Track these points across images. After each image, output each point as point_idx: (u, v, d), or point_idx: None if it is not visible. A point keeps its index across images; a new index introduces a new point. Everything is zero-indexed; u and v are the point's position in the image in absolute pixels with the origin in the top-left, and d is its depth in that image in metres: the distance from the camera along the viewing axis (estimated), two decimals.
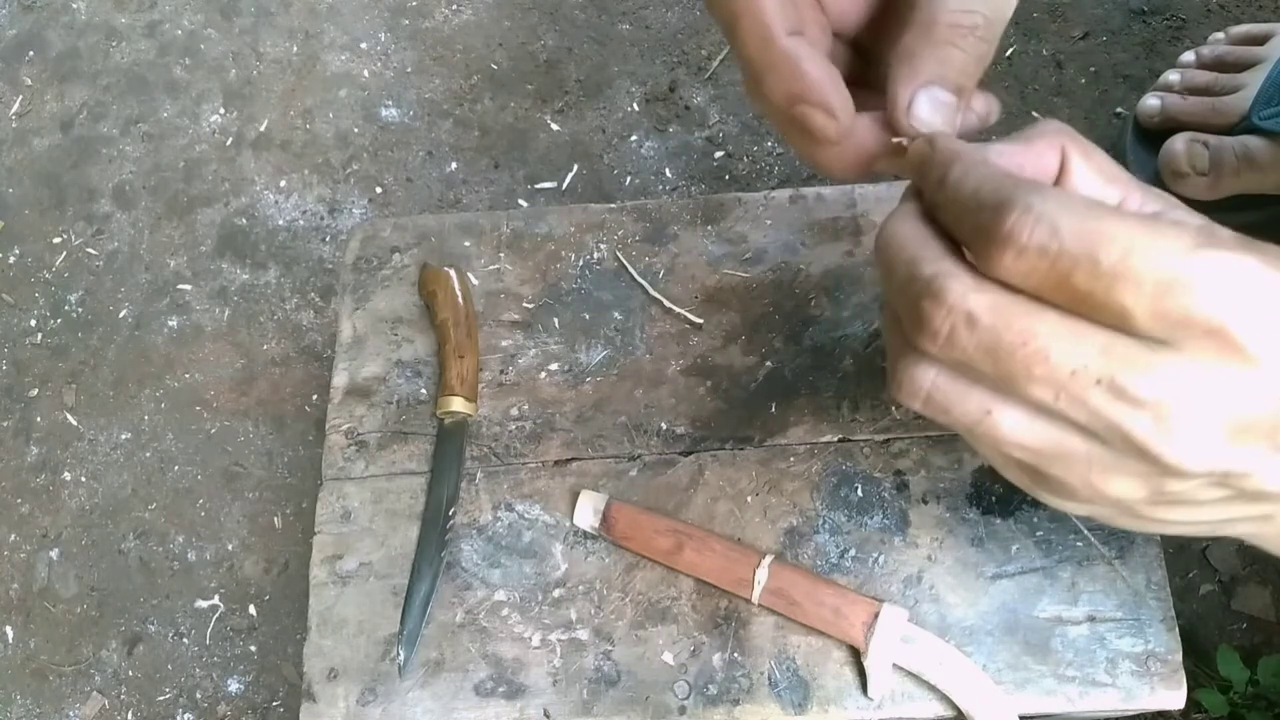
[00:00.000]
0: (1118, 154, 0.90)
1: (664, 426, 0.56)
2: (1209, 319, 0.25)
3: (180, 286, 1.01)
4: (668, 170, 1.00)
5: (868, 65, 0.39)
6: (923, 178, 0.31)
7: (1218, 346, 0.26)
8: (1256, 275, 0.25)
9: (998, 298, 0.27)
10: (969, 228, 0.28)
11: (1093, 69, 0.99)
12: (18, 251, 1.05)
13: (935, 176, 0.30)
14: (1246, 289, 0.25)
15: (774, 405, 0.56)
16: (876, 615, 0.49)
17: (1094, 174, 0.30)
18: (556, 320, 0.60)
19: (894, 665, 0.49)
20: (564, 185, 1.01)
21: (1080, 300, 0.26)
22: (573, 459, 0.56)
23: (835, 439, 0.55)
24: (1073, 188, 0.30)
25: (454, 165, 1.03)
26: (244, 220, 1.03)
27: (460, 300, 0.58)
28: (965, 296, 0.27)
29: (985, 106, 0.36)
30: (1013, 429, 0.29)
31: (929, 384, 0.30)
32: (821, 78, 0.33)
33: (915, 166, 0.32)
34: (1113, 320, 0.26)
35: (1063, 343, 0.27)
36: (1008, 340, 0.27)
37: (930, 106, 0.33)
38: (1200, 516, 0.31)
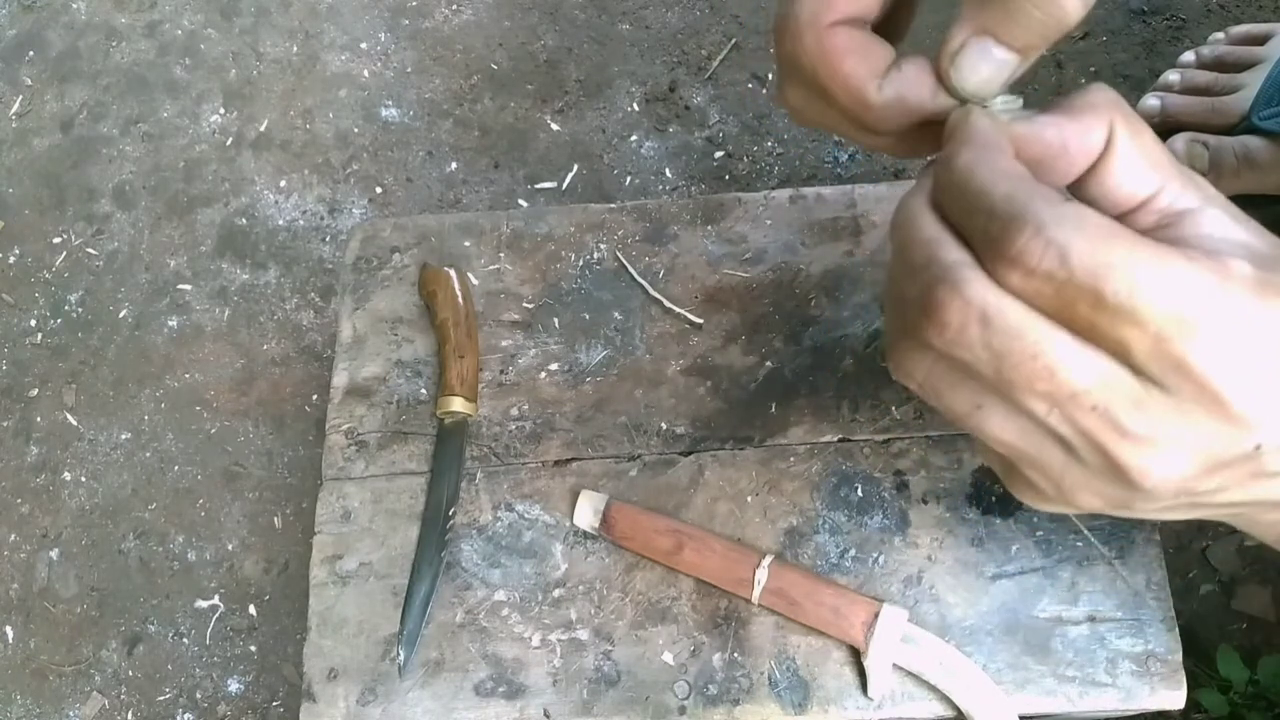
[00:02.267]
0: None
1: (664, 426, 0.56)
2: (1203, 376, 0.25)
3: (180, 286, 1.01)
4: (668, 170, 1.00)
5: None
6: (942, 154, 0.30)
7: (1208, 401, 0.26)
8: (1258, 332, 0.25)
9: (1015, 305, 0.26)
10: (977, 230, 0.27)
11: (1093, 69, 0.99)
12: (18, 251, 1.05)
13: (944, 158, 0.29)
14: (1244, 349, 0.25)
15: (774, 405, 0.56)
16: (876, 615, 0.49)
17: (1138, 157, 0.28)
18: (556, 320, 0.60)
19: (894, 665, 0.49)
20: (564, 185, 1.01)
21: (1085, 328, 0.26)
22: (573, 459, 0.56)
23: (835, 439, 0.55)
24: (1114, 169, 0.29)
25: (454, 165, 1.03)
26: (244, 220, 1.03)
27: (460, 300, 0.58)
28: (984, 295, 0.27)
29: None
30: (999, 428, 0.29)
31: (925, 371, 0.29)
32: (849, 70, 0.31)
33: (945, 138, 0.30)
34: (1115, 350, 0.26)
35: (1069, 364, 0.26)
36: (1018, 349, 0.27)
37: (979, 58, 0.30)
38: (1166, 516, 0.31)
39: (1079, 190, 0.30)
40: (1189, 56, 0.91)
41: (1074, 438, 0.28)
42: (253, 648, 0.88)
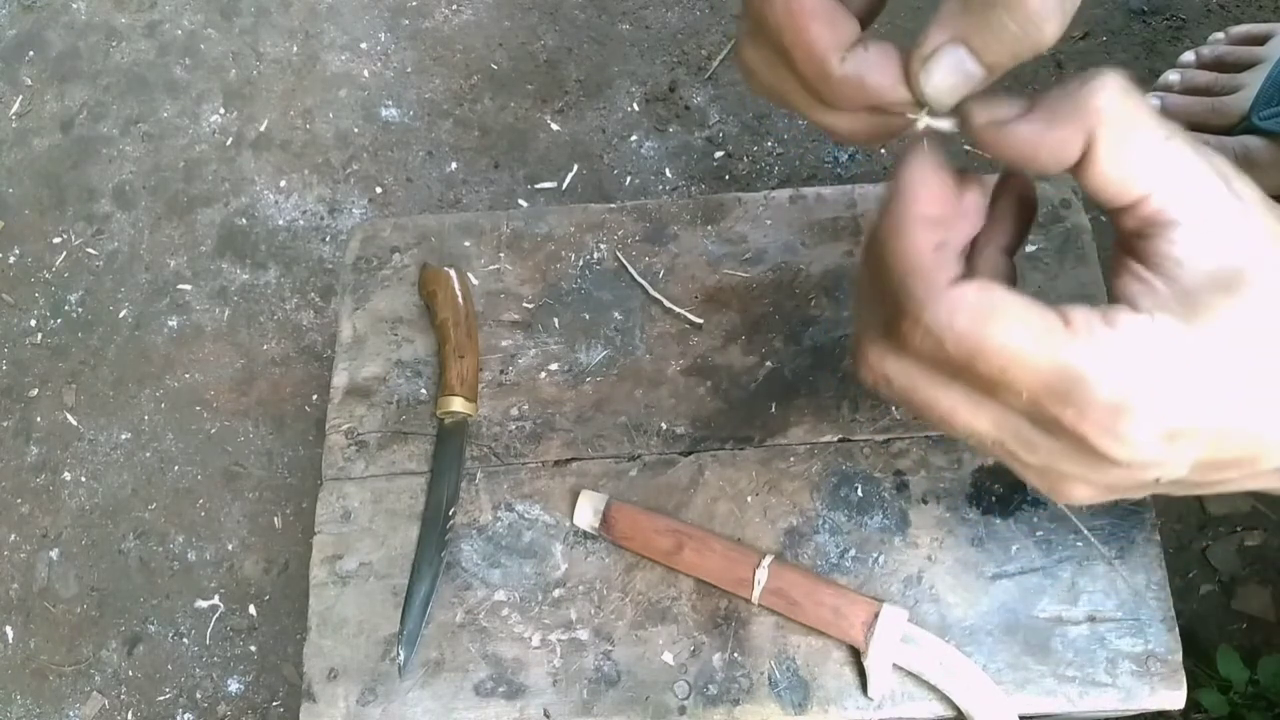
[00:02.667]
0: None
1: (664, 426, 0.56)
2: (1083, 436, 0.28)
3: (180, 286, 1.01)
4: (668, 170, 1.00)
5: None
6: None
7: (1093, 453, 0.28)
8: (1147, 389, 0.27)
9: (907, 369, 0.30)
10: (882, 292, 0.31)
11: (1093, 69, 0.99)
12: (18, 251, 1.05)
13: (874, 217, 0.31)
14: (1128, 409, 0.27)
15: (774, 405, 0.56)
16: (876, 615, 0.49)
17: (1119, 165, 0.28)
18: (556, 320, 0.60)
19: (894, 665, 0.49)
20: (564, 185, 1.01)
21: (972, 385, 0.29)
22: (573, 459, 0.56)
23: (835, 439, 0.55)
24: (1092, 175, 0.29)
25: (454, 165, 1.03)
26: (244, 220, 1.03)
27: (460, 300, 0.58)
28: (883, 361, 0.31)
29: None
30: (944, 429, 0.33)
31: (871, 382, 0.33)
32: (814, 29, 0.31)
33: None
34: (1003, 403, 0.29)
35: (963, 415, 0.30)
36: (917, 401, 0.31)
37: (950, 67, 0.30)
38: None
39: (1076, 175, 0.30)
40: (1189, 56, 0.91)
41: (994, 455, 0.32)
42: (253, 648, 0.88)
